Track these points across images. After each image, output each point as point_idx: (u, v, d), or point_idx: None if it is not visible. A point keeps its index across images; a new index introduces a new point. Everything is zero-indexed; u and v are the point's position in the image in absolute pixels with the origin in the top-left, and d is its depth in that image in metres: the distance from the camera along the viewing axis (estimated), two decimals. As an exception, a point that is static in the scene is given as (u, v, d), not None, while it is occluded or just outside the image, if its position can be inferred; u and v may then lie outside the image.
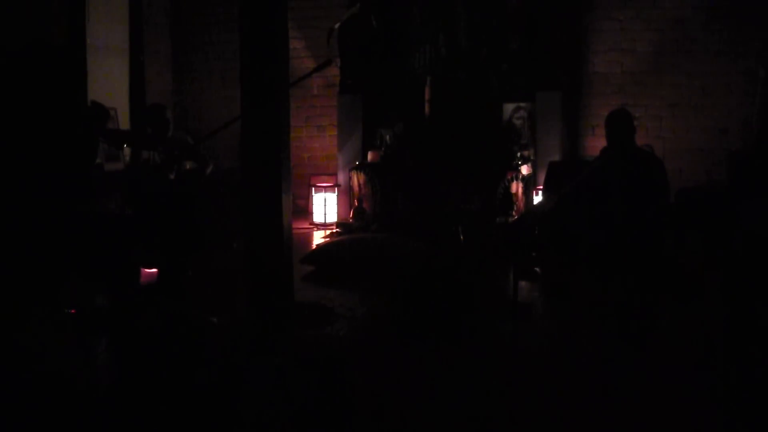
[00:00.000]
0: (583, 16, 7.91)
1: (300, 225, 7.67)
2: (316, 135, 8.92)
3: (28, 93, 3.34)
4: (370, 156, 7.83)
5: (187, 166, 5.39)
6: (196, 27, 9.12)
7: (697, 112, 7.70)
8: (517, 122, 7.64)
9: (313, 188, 7.99)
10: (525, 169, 7.36)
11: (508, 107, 7.68)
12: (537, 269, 5.17)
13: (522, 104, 7.62)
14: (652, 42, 7.76)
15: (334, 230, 7.55)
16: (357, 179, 7.72)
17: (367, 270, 5.42)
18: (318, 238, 7.33)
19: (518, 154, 7.47)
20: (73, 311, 3.66)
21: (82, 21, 6.74)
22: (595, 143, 7.62)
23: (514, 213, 7.16)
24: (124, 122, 7.41)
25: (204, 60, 9.14)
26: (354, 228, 7.45)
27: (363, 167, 7.76)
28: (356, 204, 7.69)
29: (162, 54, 8.97)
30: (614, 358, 3.63)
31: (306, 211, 8.15)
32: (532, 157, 7.53)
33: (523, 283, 4.77)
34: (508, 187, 7.24)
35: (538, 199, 7.07)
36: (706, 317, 4.14)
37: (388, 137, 7.86)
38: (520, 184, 7.24)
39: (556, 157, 7.29)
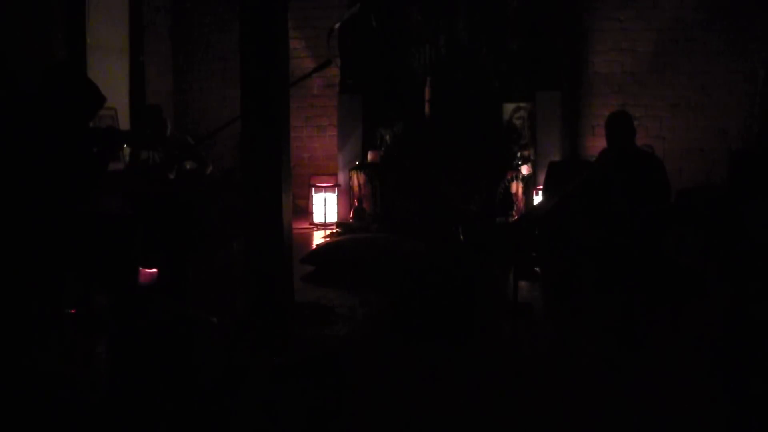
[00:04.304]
0: (583, 16, 7.90)
1: (300, 225, 7.67)
2: (316, 135, 8.91)
3: (48, 109, 3.39)
4: (370, 156, 7.83)
5: (187, 166, 5.39)
6: (196, 27, 9.12)
7: (697, 112, 7.69)
8: (517, 122, 7.64)
9: (313, 188, 7.99)
10: (525, 169, 7.36)
11: (508, 107, 7.67)
12: (537, 269, 5.16)
13: (522, 104, 7.62)
14: (652, 42, 7.76)
15: (334, 230, 7.55)
16: (357, 179, 7.72)
17: (367, 270, 5.42)
18: (318, 238, 7.33)
19: (518, 154, 7.47)
20: (73, 311, 3.66)
21: (82, 21, 6.75)
22: (595, 143, 7.62)
23: (514, 213, 7.16)
24: (124, 122, 7.41)
25: (204, 60, 9.13)
26: (354, 228, 7.45)
27: (363, 167, 7.76)
28: (356, 204, 7.69)
29: (162, 54, 8.96)
30: (614, 358, 3.63)
31: (306, 211, 8.15)
32: (532, 157, 7.52)
33: (523, 283, 4.76)
34: (508, 187, 7.24)
35: (538, 199, 7.07)
36: (707, 318, 4.14)
37: (388, 137, 7.86)
38: (520, 184, 7.24)
39: (556, 157, 7.28)
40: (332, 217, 7.88)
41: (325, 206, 7.88)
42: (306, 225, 7.92)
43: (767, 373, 3.33)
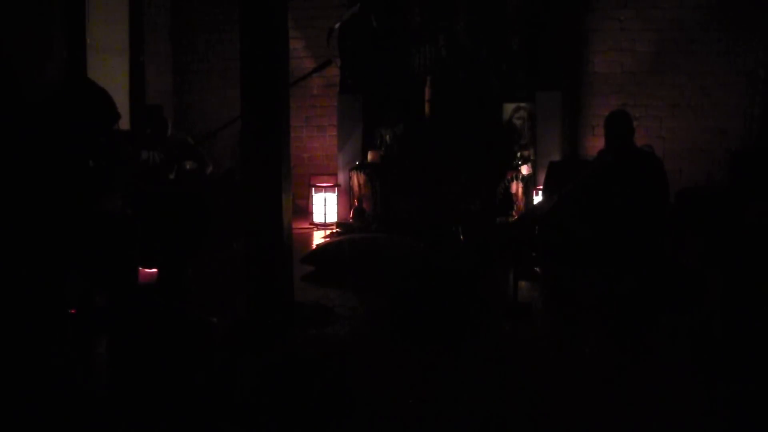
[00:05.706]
0: (583, 16, 7.91)
1: (300, 225, 7.67)
2: (316, 135, 8.91)
3: (60, 120, 3.40)
4: (370, 156, 7.83)
5: (187, 166, 5.39)
6: (196, 27, 9.12)
7: (697, 112, 7.70)
8: (517, 122, 7.64)
9: (313, 188, 7.99)
10: (525, 169, 7.36)
11: (508, 107, 7.67)
12: (537, 269, 5.16)
13: (522, 104, 7.62)
14: (652, 42, 7.76)
15: (334, 230, 7.55)
16: (357, 179, 7.72)
17: (367, 270, 5.42)
18: (318, 238, 7.33)
19: (518, 154, 7.47)
20: (73, 311, 3.66)
21: (82, 21, 6.75)
22: (595, 143, 7.63)
23: (514, 213, 7.16)
24: (124, 122, 7.40)
25: (204, 60, 9.13)
26: (354, 228, 7.45)
27: (363, 167, 7.76)
28: (356, 204, 7.69)
29: (162, 54, 8.96)
30: (614, 358, 3.63)
31: (306, 211, 8.15)
32: (532, 157, 7.52)
33: (523, 283, 4.76)
34: (508, 187, 7.23)
35: (538, 199, 7.06)
36: (707, 318, 4.13)
37: (388, 137, 7.85)
38: (520, 184, 7.24)
39: (556, 157, 7.28)
40: (332, 217, 7.88)
41: (325, 206, 7.88)
42: (306, 225, 7.92)
43: (766, 374, 3.33)
